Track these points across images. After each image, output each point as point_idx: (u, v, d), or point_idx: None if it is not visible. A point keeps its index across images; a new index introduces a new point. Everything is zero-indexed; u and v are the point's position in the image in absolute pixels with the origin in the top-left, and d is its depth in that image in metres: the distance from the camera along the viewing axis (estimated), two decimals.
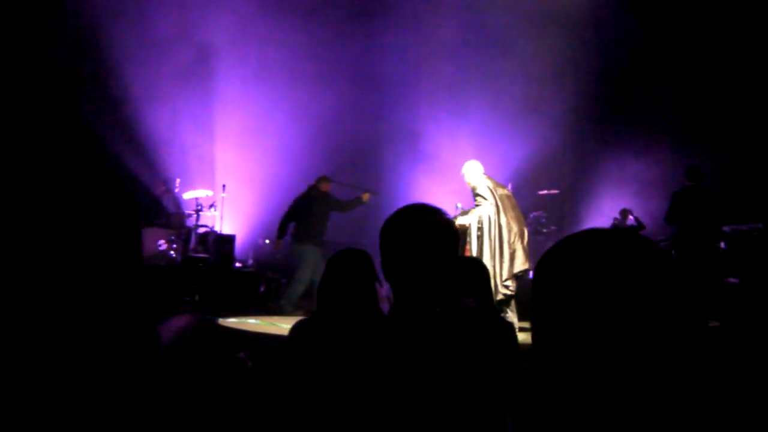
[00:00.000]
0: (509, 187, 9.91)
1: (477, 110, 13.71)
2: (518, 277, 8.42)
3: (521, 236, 8.50)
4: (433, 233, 1.95)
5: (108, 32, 13.09)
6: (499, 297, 8.08)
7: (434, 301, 1.91)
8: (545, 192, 13.78)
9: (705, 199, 9.91)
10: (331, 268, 3.16)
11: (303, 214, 10.73)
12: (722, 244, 11.10)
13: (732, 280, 10.39)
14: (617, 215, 12.82)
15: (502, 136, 13.21)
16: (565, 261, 1.11)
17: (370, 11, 14.70)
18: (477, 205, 8.49)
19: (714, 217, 9.92)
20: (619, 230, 1.15)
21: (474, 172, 8.71)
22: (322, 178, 11.01)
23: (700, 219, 9.76)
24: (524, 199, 13.52)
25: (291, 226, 10.87)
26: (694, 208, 9.81)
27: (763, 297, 9.08)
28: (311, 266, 10.27)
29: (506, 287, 8.22)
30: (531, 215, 13.06)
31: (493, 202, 8.45)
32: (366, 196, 11.17)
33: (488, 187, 8.54)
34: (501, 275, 8.21)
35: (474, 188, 8.61)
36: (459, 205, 9.54)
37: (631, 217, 12.70)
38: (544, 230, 13.11)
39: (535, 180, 13.78)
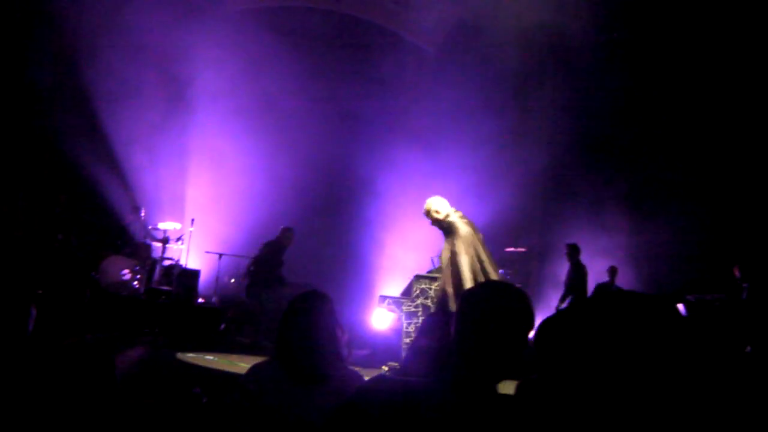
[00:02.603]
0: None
1: (449, 162, 13.89)
2: None
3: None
4: (516, 321, 1.90)
5: (90, 63, 13.13)
6: None
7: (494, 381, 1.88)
8: (512, 250, 13.89)
9: (581, 271, 12.04)
10: (292, 310, 3.03)
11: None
12: (683, 311, 11.29)
13: None
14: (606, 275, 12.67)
15: (471, 191, 13.35)
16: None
17: (354, 56, 14.94)
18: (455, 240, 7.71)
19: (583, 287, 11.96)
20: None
21: (444, 204, 7.96)
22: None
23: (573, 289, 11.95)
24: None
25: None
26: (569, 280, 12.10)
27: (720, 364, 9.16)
28: None
29: None
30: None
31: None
32: None
33: (460, 218, 7.87)
34: None
35: (446, 218, 7.87)
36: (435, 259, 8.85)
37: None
38: None
39: (502, 237, 13.91)
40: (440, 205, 7.93)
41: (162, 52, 13.66)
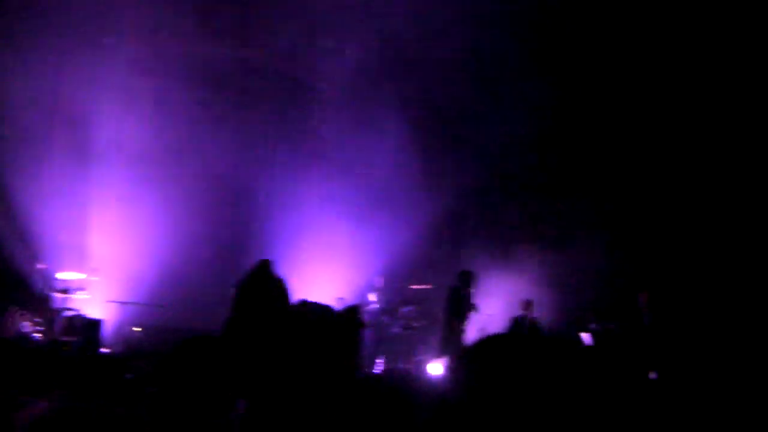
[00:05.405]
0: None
1: (357, 200, 14.12)
2: None
3: None
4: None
5: None
6: None
7: None
8: (417, 287, 14.05)
9: (466, 298, 12.16)
10: None
11: None
12: (588, 340, 11.72)
13: None
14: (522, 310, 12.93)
15: (375, 228, 13.61)
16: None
17: (260, 100, 15.09)
18: None
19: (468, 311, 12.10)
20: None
21: None
22: None
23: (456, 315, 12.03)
24: (396, 293, 13.88)
25: None
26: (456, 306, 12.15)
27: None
28: None
29: None
30: (403, 309, 13.32)
31: None
32: None
33: None
34: None
35: None
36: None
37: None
38: (415, 324, 13.32)
39: (407, 274, 14.15)
40: None
41: (60, 98, 13.45)
